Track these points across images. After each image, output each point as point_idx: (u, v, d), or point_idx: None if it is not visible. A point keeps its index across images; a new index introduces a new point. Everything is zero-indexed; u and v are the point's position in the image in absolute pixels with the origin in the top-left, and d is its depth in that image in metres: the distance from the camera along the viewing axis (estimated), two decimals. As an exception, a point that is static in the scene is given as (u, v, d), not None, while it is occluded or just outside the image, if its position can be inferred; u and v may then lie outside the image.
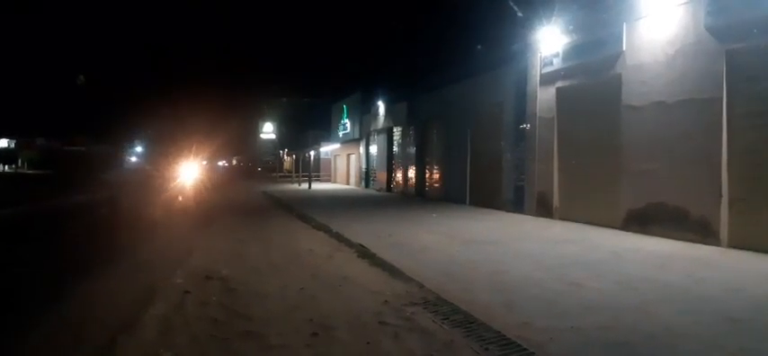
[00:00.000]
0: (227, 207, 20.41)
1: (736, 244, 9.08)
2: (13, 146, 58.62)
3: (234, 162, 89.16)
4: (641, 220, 10.95)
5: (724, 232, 9.31)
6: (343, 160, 41.70)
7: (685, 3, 10.14)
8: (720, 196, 9.37)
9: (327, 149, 44.85)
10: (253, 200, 25.10)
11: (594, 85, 12.72)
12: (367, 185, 32.80)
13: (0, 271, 8.37)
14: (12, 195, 24.46)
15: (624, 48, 11.58)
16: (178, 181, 30.71)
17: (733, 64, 9.29)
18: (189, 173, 33.61)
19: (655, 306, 5.75)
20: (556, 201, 13.95)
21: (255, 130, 66.04)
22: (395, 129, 28.09)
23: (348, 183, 39.18)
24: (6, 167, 55.39)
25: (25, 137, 56.73)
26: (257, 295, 6.59)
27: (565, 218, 13.48)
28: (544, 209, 14.25)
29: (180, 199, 24.28)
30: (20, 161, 56.78)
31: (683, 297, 6.14)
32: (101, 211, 17.46)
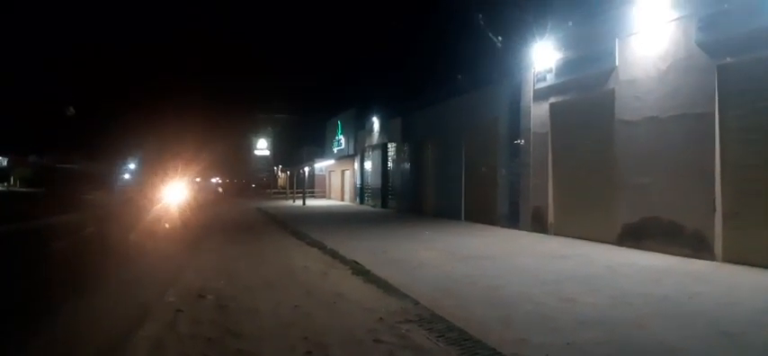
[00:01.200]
0: (220, 224, 20.33)
1: (730, 258, 9.08)
2: (5, 163, 58.38)
3: (227, 179, 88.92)
4: (636, 235, 10.96)
5: (718, 246, 9.32)
6: (338, 176, 41.67)
7: (676, 19, 10.22)
8: (714, 210, 9.39)
9: (322, 165, 44.84)
10: (247, 216, 25.02)
11: (588, 101, 12.77)
12: (362, 201, 32.75)
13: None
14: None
15: (617, 63, 11.65)
16: (168, 199, 30.49)
17: (725, 79, 9.35)
18: (179, 191, 33.39)
19: (650, 320, 5.73)
20: (551, 217, 13.95)
21: (249, 147, 66.01)
22: (389, 145, 28.11)
23: (343, 200, 39.13)
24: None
25: (18, 154, 56.50)
26: (251, 312, 6.53)
27: (560, 233, 13.47)
28: (539, 224, 14.25)
29: (172, 217, 24.15)
30: (12, 179, 56.52)
31: (677, 311, 6.12)
32: (89, 230, 17.26)
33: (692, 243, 9.69)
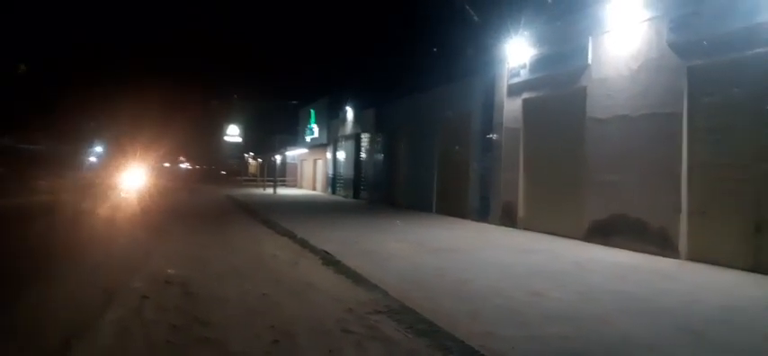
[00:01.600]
0: (188, 210, 20.07)
1: (694, 256, 9.26)
2: (-32, 143, 56.68)
3: (197, 165, 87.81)
4: (604, 232, 11.11)
5: (683, 244, 9.49)
6: (310, 165, 41.46)
7: (649, 19, 10.35)
8: (680, 209, 9.56)
9: (294, 154, 44.57)
10: (216, 204, 24.75)
11: (560, 97, 12.89)
12: (334, 191, 32.65)
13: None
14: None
15: (590, 61, 11.76)
16: (134, 183, 29.98)
17: (694, 80, 9.50)
18: (146, 175, 32.88)
19: (615, 316, 5.81)
20: (521, 211, 14.07)
21: (219, 132, 65.15)
22: (363, 136, 28.05)
23: (315, 189, 38.96)
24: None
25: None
26: (218, 300, 6.44)
27: (529, 227, 13.60)
28: (509, 218, 14.36)
29: (138, 202, 23.78)
30: (-23, 161, 54.90)
31: (642, 308, 6.21)
32: (51, 213, 16.92)
33: (658, 240, 9.86)
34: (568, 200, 12.32)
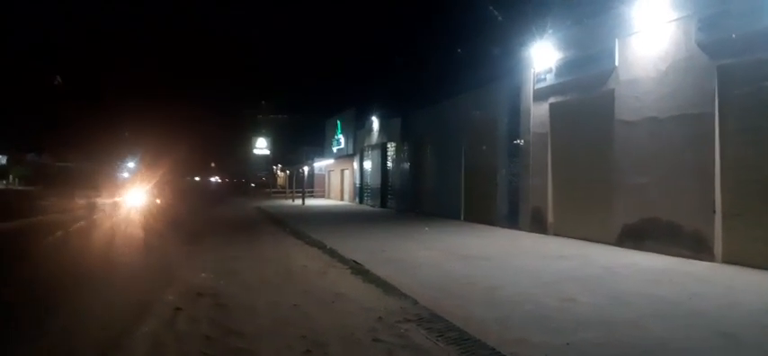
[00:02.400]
0: (219, 223, 20.32)
1: (730, 259, 9.07)
2: (4, 161, 58.29)
3: (227, 178, 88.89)
4: (635, 235, 10.95)
5: (718, 247, 9.30)
6: (337, 175, 41.65)
7: (677, 19, 10.21)
8: (714, 211, 9.38)
9: (321, 165, 44.82)
10: (246, 215, 25.01)
11: (588, 101, 12.76)
12: (361, 201, 32.73)
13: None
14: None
15: (617, 63, 11.63)
16: (162, 198, 30.51)
17: (725, 79, 9.34)
18: (171, 191, 33.45)
19: (648, 321, 5.72)
20: (550, 217, 13.94)
21: (249, 146, 65.95)
22: (389, 145, 28.10)
23: (342, 199, 39.11)
24: (-3, 183, 54.97)
25: (17, 152, 56.41)
26: (249, 311, 6.51)
27: (559, 233, 13.46)
28: (539, 224, 14.24)
29: (170, 215, 24.16)
30: (10, 177, 56.42)
31: (676, 312, 6.11)
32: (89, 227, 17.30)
33: (692, 243, 9.68)
34: (598, 205, 12.16)
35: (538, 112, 14.54)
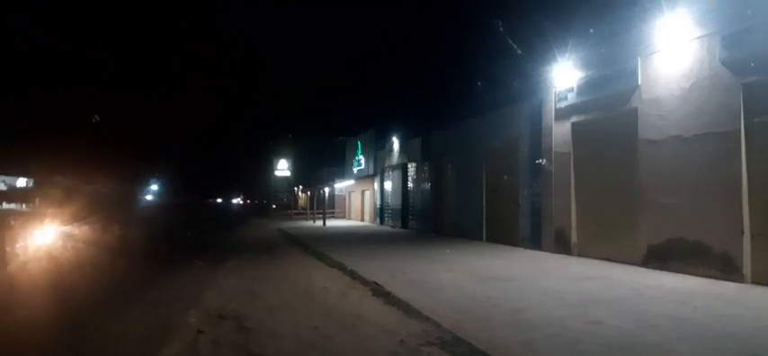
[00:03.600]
0: (242, 244, 20.42)
1: (759, 280, 8.86)
2: (31, 184, 59.38)
3: (248, 200, 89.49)
4: (661, 256, 10.75)
5: (747, 267, 9.09)
6: (358, 196, 41.70)
7: (700, 37, 10.10)
8: (742, 231, 9.18)
9: (342, 186, 44.93)
10: (267, 237, 25.10)
11: (611, 120, 12.64)
12: (382, 222, 32.68)
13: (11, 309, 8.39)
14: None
15: (639, 82, 11.53)
16: (185, 220, 30.82)
17: (750, 97, 9.19)
18: (193, 212, 33.85)
19: (676, 344, 5.59)
20: (574, 238, 13.77)
21: (270, 168, 66.40)
22: (409, 165, 28.08)
23: (363, 220, 39.11)
24: (24, 206, 56.01)
25: (44, 175, 57.48)
26: (271, 334, 6.51)
27: (583, 254, 13.28)
28: (562, 245, 14.07)
29: (192, 237, 24.39)
30: (37, 200, 57.43)
31: (705, 335, 5.97)
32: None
33: (720, 264, 9.47)
34: (623, 225, 11.99)
35: (560, 132, 14.44)
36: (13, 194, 55.89)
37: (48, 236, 15.43)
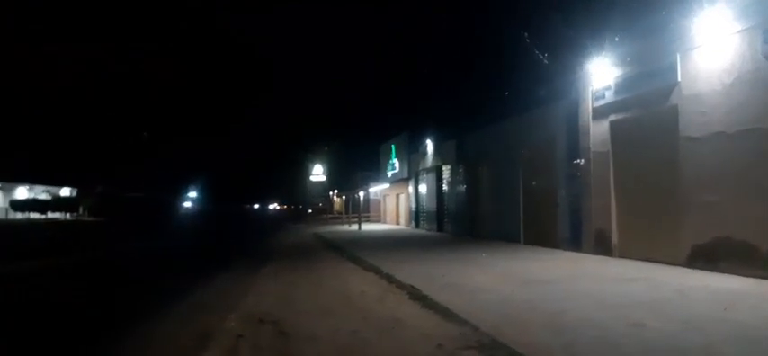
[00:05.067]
0: (279, 249, 20.64)
1: (811, 280, 8.56)
2: (74, 194, 61.13)
3: (284, 205, 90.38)
4: (707, 256, 10.46)
5: (797, 267, 8.79)
6: (393, 200, 41.74)
7: (741, 31, 9.82)
8: (791, 229, 8.89)
9: (376, 189, 45.03)
10: (303, 242, 25.30)
11: (650, 117, 12.38)
12: (417, 225, 32.64)
13: (59, 316, 8.65)
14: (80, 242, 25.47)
15: (679, 78, 11.26)
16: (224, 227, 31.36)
17: (797, 91, 8.90)
18: (232, 219, 34.46)
19: (723, 347, 5.44)
20: (615, 238, 13.51)
21: (305, 173, 67.06)
22: (444, 168, 27.98)
23: (398, 223, 39.11)
24: (68, 215, 57.69)
25: (86, 185, 59.14)
26: (309, 338, 6.55)
27: (625, 255, 13.02)
28: (603, 246, 13.82)
29: (230, 243, 24.73)
30: (80, 208, 59.07)
31: (753, 337, 5.79)
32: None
33: (768, 264, 9.18)
34: (666, 225, 11.72)
35: (597, 131, 14.20)
36: (58, 204, 57.64)
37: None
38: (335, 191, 63.89)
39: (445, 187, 27.85)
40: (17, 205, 54.56)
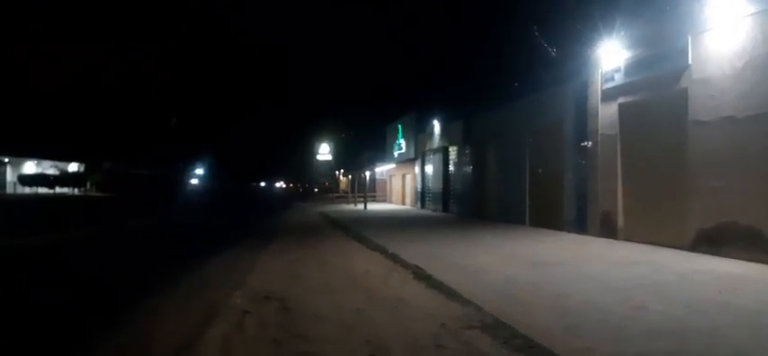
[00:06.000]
0: (285, 228, 20.74)
1: (816, 266, 8.54)
2: (82, 169, 61.40)
3: (291, 184, 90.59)
4: (711, 240, 10.45)
5: (803, 253, 8.77)
6: (399, 180, 41.76)
7: (753, 13, 9.71)
8: (798, 215, 8.85)
9: (383, 169, 45.08)
10: (309, 220, 25.40)
11: (659, 101, 12.30)
12: (423, 205, 32.68)
13: (69, 287, 8.76)
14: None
15: (690, 61, 11.16)
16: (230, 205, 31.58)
17: (809, 75, 8.81)
18: (238, 197, 34.72)
19: (726, 330, 5.45)
20: (620, 221, 13.50)
21: (312, 152, 67.12)
22: (451, 149, 27.94)
23: (404, 204, 39.17)
24: (76, 190, 58.00)
25: (94, 160, 59.36)
26: (314, 316, 6.60)
27: (630, 238, 13.02)
28: (608, 229, 13.81)
29: (236, 221, 24.83)
30: (88, 184, 59.35)
31: (757, 321, 5.80)
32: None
33: (774, 249, 9.16)
34: (671, 209, 11.70)
35: (606, 113, 14.13)
36: (65, 179, 57.94)
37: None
38: (342, 171, 63.96)
39: (451, 168, 27.83)
40: (25, 180, 54.88)
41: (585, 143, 15.01)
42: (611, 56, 13.75)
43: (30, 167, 58.47)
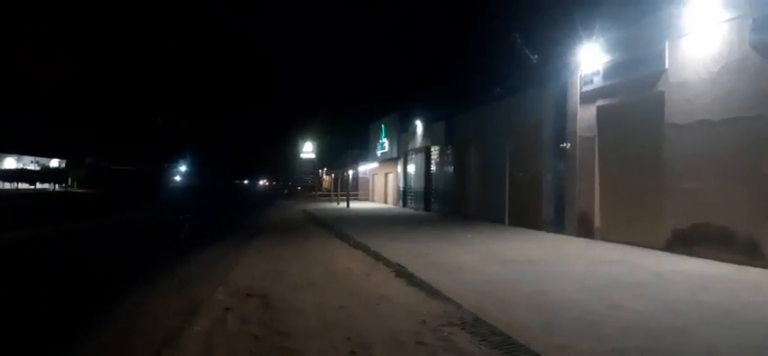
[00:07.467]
0: (267, 225, 20.71)
1: (786, 266, 8.77)
2: (63, 165, 60.66)
3: (274, 181, 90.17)
4: (686, 241, 10.68)
5: (773, 254, 9.01)
6: (381, 179, 41.85)
7: (729, 20, 9.93)
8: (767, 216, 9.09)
9: (366, 168, 45.11)
10: (292, 218, 25.38)
11: (637, 104, 12.52)
12: (405, 204, 32.80)
13: (50, 283, 8.72)
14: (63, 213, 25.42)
15: (667, 65, 11.39)
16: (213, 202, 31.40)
17: (781, 81, 9.04)
18: (220, 195, 34.57)
19: (698, 329, 5.61)
20: (597, 221, 13.72)
21: (295, 150, 66.96)
22: (433, 149, 28.09)
23: (386, 202, 39.26)
24: (57, 186, 57.29)
25: (75, 156, 58.67)
26: (296, 312, 6.66)
27: (606, 238, 13.24)
28: (585, 229, 14.03)
29: (218, 219, 24.72)
30: (69, 180, 58.65)
31: (727, 320, 5.97)
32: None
33: (745, 250, 9.39)
34: (647, 209, 11.93)
35: (585, 115, 14.34)
36: (46, 174, 57.21)
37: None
38: (325, 169, 63.89)
39: (433, 167, 27.98)
40: (6, 175, 54.12)
41: (564, 144, 15.22)
42: (590, 59, 13.96)
43: (10, 163, 57.64)
